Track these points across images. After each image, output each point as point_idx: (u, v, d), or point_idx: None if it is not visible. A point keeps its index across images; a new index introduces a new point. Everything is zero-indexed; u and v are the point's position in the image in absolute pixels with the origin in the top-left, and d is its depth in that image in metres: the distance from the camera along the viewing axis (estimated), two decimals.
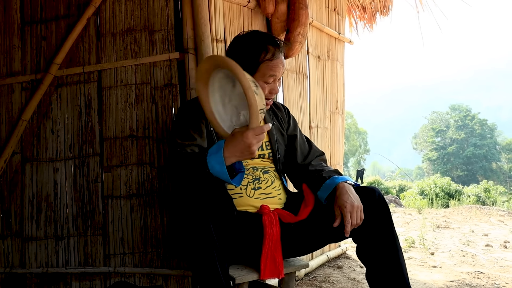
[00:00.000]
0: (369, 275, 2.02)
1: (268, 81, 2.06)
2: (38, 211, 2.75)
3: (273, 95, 2.12)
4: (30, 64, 2.80)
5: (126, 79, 2.66)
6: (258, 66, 2.04)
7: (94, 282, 2.66)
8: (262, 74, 2.04)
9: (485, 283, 3.45)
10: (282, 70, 2.09)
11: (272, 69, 2.04)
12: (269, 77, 2.05)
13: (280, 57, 2.07)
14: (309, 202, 2.10)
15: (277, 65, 2.05)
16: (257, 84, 1.76)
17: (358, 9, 4.56)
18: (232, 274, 1.95)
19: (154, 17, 2.65)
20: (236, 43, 2.14)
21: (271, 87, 2.08)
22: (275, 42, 2.08)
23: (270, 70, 2.04)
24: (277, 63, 2.05)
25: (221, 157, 1.71)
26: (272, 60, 2.04)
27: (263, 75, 2.04)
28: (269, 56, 2.04)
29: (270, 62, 2.04)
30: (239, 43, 2.12)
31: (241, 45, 2.11)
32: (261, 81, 2.05)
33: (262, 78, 2.05)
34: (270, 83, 2.07)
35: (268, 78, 2.05)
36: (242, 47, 2.10)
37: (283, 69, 2.09)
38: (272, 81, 2.07)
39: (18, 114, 2.79)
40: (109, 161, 2.67)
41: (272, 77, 2.06)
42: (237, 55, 2.08)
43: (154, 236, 2.60)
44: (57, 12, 2.78)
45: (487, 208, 8.83)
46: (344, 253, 4.25)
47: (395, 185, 20.61)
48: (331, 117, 4.02)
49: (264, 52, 2.04)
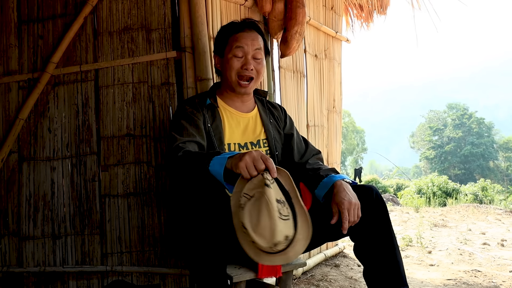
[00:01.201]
0: (366, 274, 2.02)
1: (237, 55, 2.14)
2: (35, 210, 2.75)
3: (246, 72, 2.15)
4: (27, 63, 2.80)
5: (123, 78, 2.66)
6: (227, 41, 2.17)
7: (91, 281, 2.65)
8: (230, 47, 2.16)
9: (482, 281, 3.46)
10: (251, 44, 2.15)
11: (238, 40, 2.14)
12: (236, 49, 2.13)
13: (250, 32, 2.18)
14: (306, 201, 2.11)
15: (243, 36, 2.15)
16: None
17: (355, 7, 4.56)
18: (230, 273, 1.95)
19: (151, 15, 2.65)
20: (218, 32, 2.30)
21: (242, 62, 2.14)
22: (248, 22, 2.22)
23: (236, 41, 2.14)
24: (244, 35, 2.15)
25: (224, 160, 1.71)
26: (238, 32, 2.16)
27: (230, 48, 2.15)
28: (235, 30, 2.17)
29: (236, 34, 2.16)
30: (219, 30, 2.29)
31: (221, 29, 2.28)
32: (230, 55, 2.15)
33: (230, 51, 2.15)
34: (240, 57, 2.14)
35: (235, 50, 2.13)
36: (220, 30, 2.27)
37: (253, 44, 2.15)
38: (242, 56, 2.14)
39: (15, 113, 2.78)
40: (106, 160, 2.67)
41: (239, 49, 2.13)
42: (215, 39, 2.28)
43: (151, 235, 2.60)
44: (54, 11, 2.78)
45: (485, 206, 8.84)
46: (341, 252, 4.26)
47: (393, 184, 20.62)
48: (328, 116, 4.02)
49: (232, 29, 2.18)
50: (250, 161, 1.64)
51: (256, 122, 2.28)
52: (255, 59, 2.16)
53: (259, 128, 2.28)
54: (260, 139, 2.25)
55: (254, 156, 1.65)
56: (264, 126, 2.28)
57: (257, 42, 2.16)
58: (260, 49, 2.17)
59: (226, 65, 2.16)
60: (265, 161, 1.65)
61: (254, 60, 2.15)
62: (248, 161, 1.64)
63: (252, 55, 2.14)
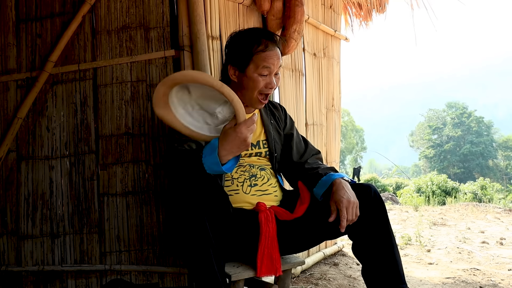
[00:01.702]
0: (365, 272, 2.02)
1: (263, 73, 2.04)
2: (34, 209, 2.75)
3: (269, 90, 2.09)
4: (25, 62, 2.79)
5: (121, 76, 2.66)
6: (251, 58, 2.04)
7: (90, 280, 2.65)
8: (255, 65, 2.04)
9: (481, 279, 3.47)
10: (277, 64, 2.07)
11: (265, 60, 2.03)
12: (263, 69, 2.04)
13: (275, 50, 2.07)
14: (305, 199, 2.11)
15: (270, 56, 2.04)
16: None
17: (354, 6, 4.55)
18: (228, 271, 1.95)
19: (150, 14, 2.64)
20: (232, 39, 2.16)
21: (267, 81, 2.06)
22: (270, 35, 2.10)
23: (263, 61, 2.03)
24: (271, 55, 2.05)
25: (215, 158, 1.72)
26: (265, 51, 2.04)
27: (256, 67, 2.04)
28: (261, 47, 2.04)
29: (263, 53, 2.04)
30: (235, 39, 2.14)
31: (237, 39, 2.13)
32: (255, 74, 2.05)
33: (256, 70, 2.04)
34: (265, 75, 2.05)
35: (261, 69, 2.04)
36: (237, 41, 2.12)
37: (278, 63, 2.08)
38: (267, 74, 2.05)
39: (13, 112, 2.77)
40: (105, 158, 2.66)
41: (266, 69, 2.04)
42: (232, 49, 2.12)
43: (150, 234, 2.59)
44: (52, 9, 2.77)
45: (484, 205, 8.85)
46: (340, 250, 4.26)
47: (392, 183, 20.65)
48: (327, 115, 4.02)
49: (256, 44, 2.05)
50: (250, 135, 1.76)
51: (257, 123, 2.27)
52: (275, 75, 2.10)
53: (259, 129, 2.27)
54: (260, 140, 2.25)
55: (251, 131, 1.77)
56: (264, 127, 2.28)
57: (280, 60, 2.10)
58: (281, 65, 2.13)
59: (248, 82, 2.07)
60: (253, 122, 1.77)
61: (274, 76, 2.10)
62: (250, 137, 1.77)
63: (274, 72, 2.10)
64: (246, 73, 2.06)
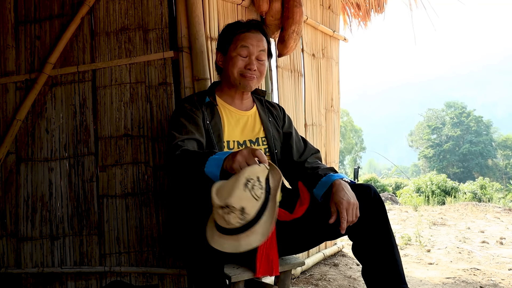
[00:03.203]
0: (365, 273, 2.02)
1: (241, 54, 2.14)
2: (33, 211, 2.74)
3: (249, 72, 2.15)
4: (24, 64, 2.79)
5: (120, 78, 2.66)
6: (232, 38, 2.16)
7: (89, 281, 2.65)
8: (234, 45, 2.15)
9: (481, 279, 3.47)
10: (257, 45, 2.16)
11: (244, 39, 2.14)
12: (241, 48, 2.13)
13: (257, 33, 2.18)
14: (304, 200, 2.10)
15: (249, 37, 2.15)
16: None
17: (353, 6, 4.55)
18: (228, 272, 1.95)
19: (148, 16, 2.64)
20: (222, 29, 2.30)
21: (246, 62, 2.15)
22: (255, 22, 2.23)
23: (241, 41, 2.14)
24: (250, 36, 2.16)
25: (220, 161, 1.71)
26: (245, 32, 2.16)
27: (235, 47, 2.15)
28: (243, 30, 2.17)
29: (242, 34, 2.16)
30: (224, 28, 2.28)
31: (226, 27, 2.27)
32: (234, 54, 2.14)
33: (235, 49, 2.14)
34: (244, 57, 2.14)
35: (240, 49, 2.13)
36: (225, 28, 2.26)
37: (258, 45, 2.16)
38: (246, 56, 2.14)
39: (13, 114, 2.78)
40: (104, 160, 2.66)
41: (244, 49, 2.13)
42: (219, 37, 2.28)
43: (149, 235, 2.59)
44: (51, 11, 2.77)
45: (483, 204, 8.85)
46: (340, 251, 4.26)
47: (391, 183, 20.62)
48: (326, 115, 4.02)
49: (239, 27, 2.18)
50: (243, 160, 1.65)
51: (255, 120, 2.28)
52: (258, 60, 2.16)
53: (258, 126, 2.28)
54: (259, 137, 2.25)
55: (245, 155, 1.65)
56: (263, 125, 2.28)
57: (262, 44, 2.17)
58: (264, 50, 2.19)
59: (229, 62, 2.16)
60: (255, 154, 1.65)
61: (257, 61, 2.16)
62: (241, 161, 1.65)
63: (256, 56, 2.15)
64: (228, 54, 2.17)
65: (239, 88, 2.21)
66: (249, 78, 2.16)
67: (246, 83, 2.17)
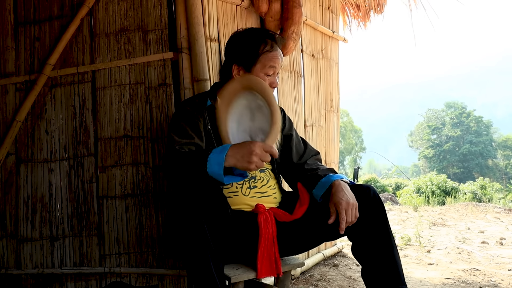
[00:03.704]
0: (364, 273, 2.02)
1: (268, 73, 2.10)
2: (33, 212, 2.75)
3: (272, 88, 2.12)
4: (24, 65, 2.79)
5: (120, 79, 2.66)
6: (257, 58, 2.09)
7: (89, 282, 2.65)
8: (262, 65, 2.09)
9: (481, 280, 3.47)
10: (280, 63, 2.14)
11: (272, 60, 2.09)
12: (269, 68, 2.09)
13: (278, 50, 2.14)
14: (304, 201, 2.11)
15: (276, 56, 2.11)
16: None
17: (352, 7, 4.56)
18: (228, 273, 1.95)
19: (148, 17, 2.65)
20: (235, 39, 2.19)
21: (271, 80, 2.11)
22: (272, 36, 2.15)
23: (270, 61, 2.09)
24: (276, 55, 2.11)
25: (222, 158, 1.70)
26: (271, 51, 2.10)
27: (263, 66, 2.09)
28: (268, 47, 2.10)
29: (270, 53, 2.10)
30: (238, 38, 2.18)
31: (240, 39, 2.17)
32: (261, 73, 2.09)
33: (263, 69, 2.09)
34: (270, 75, 2.11)
35: (268, 69, 2.09)
36: (241, 42, 2.15)
37: (281, 62, 2.15)
38: (272, 73, 2.11)
39: (12, 115, 2.78)
40: (104, 161, 2.66)
41: (271, 69, 2.10)
42: (236, 49, 2.15)
43: (149, 236, 2.60)
44: (50, 12, 2.78)
45: (483, 205, 8.85)
46: (340, 252, 4.26)
47: (391, 183, 20.62)
48: (326, 116, 4.02)
49: (263, 44, 2.10)
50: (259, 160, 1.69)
51: None
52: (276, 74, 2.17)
53: None
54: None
55: (260, 155, 1.69)
56: None
57: (282, 60, 2.18)
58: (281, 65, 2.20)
59: None
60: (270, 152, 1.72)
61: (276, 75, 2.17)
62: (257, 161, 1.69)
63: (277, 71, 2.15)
64: (252, 72, 2.10)
65: None
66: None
67: None
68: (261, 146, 1.69)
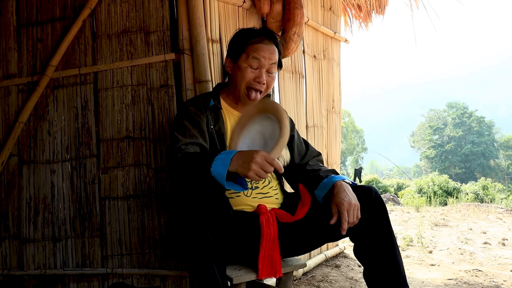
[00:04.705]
0: (366, 274, 2.02)
1: (252, 65, 2.09)
2: (36, 213, 2.75)
3: (258, 85, 2.12)
4: (26, 66, 2.80)
5: (122, 80, 2.66)
6: (244, 47, 2.11)
7: (92, 283, 2.66)
8: (246, 55, 2.11)
9: (483, 281, 3.46)
10: (269, 58, 2.11)
11: (256, 51, 2.09)
12: (253, 60, 2.09)
13: (270, 45, 2.12)
14: (305, 202, 2.11)
15: (262, 49, 2.09)
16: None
17: (354, 8, 4.56)
18: (230, 274, 1.95)
19: (150, 18, 2.65)
20: (235, 33, 2.24)
21: (256, 74, 2.10)
22: (269, 33, 2.17)
23: (254, 52, 2.09)
24: (263, 48, 2.10)
25: (227, 161, 1.69)
26: (258, 43, 2.10)
27: (247, 56, 2.10)
28: (256, 39, 2.11)
29: (256, 44, 2.10)
30: (237, 32, 2.22)
31: (238, 33, 2.21)
32: (245, 64, 2.10)
33: (246, 60, 2.10)
34: (254, 68, 2.10)
35: (251, 60, 2.09)
36: (237, 34, 2.20)
37: (271, 59, 2.12)
38: (257, 68, 2.10)
39: (15, 116, 2.78)
40: (106, 162, 2.67)
41: (256, 61, 2.09)
42: (231, 42, 2.21)
43: (151, 237, 2.60)
44: (52, 14, 2.78)
45: (485, 205, 8.85)
46: (342, 252, 4.26)
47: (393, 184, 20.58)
48: (328, 116, 4.03)
49: (253, 36, 2.13)
50: (258, 168, 1.65)
51: None
52: (268, 73, 2.13)
53: None
54: None
55: (260, 163, 1.65)
56: None
57: (274, 56, 2.13)
58: (275, 63, 2.15)
59: (238, 72, 2.13)
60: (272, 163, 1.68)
61: (267, 74, 2.12)
62: (256, 169, 1.65)
63: (266, 69, 2.11)
64: (238, 63, 2.13)
65: (242, 102, 2.20)
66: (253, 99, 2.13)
67: (247, 102, 2.16)
68: (263, 156, 1.67)
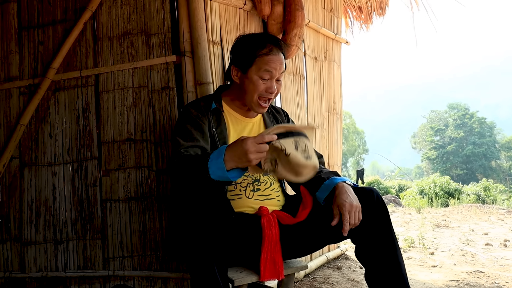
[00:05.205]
0: (368, 276, 2.02)
1: (263, 77, 2.07)
2: (37, 216, 2.76)
3: (269, 94, 2.11)
4: (27, 69, 2.81)
5: (123, 82, 2.67)
6: (254, 60, 2.07)
7: (93, 285, 2.66)
8: (257, 67, 2.07)
9: (485, 282, 3.46)
10: (279, 69, 2.09)
11: (267, 64, 2.05)
12: (264, 72, 2.06)
13: (278, 55, 2.09)
14: (307, 204, 2.11)
15: (273, 60, 2.06)
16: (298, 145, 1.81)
17: (354, 9, 4.56)
18: (231, 276, 1.95)
19: (151, 20, 2.65)
20: (239, 40, 2.20)
21: (267, 85, 2.08)
22: (275, 41, 2.13)
23: (265, 64, 2.06)
24: (273, 59, 2.07)
25: (221, 163, 1.69)
26: (268, 54, 2.06)
27: (258, 69, 2.06)
28: (265, 50, 2.07)
29: (266, 56, 2.06)
30: (242, 40, 2.18)
31: (243, 41, 2.16)
32: (256, 76, 2.07)
33: (257, 72, 2.06)
34: (265, 79, 2.07)
35: (263, 73, 2.06)
36: (243, 43, 2.15)
37: (281, 68, 2.10)
38: (268, 78, 2.08)
39: (16, 118, 2.79)
40: (107, 164, 2.67)
41: (267, 73, 2.06)
42: (237, 50, 2.16)
43: (153, 239, 2.60)
44: (54, 16, 2.79)
45: (487, 206, 8.83)
46: (343, 254, 4.26)
47: (395, 185, 20.57)
48: (329, 118, 4.02)
49: (261, 47, 2.07)
50: (257, 154, 1.66)
51: (260, 127, 2.29)
52: (277, 80, 2.12)
53: None
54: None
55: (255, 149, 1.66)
56: None
57: (283, 66, 2.12)
58: (283, 71, 2.14)
59: (249, 84, 2.09)
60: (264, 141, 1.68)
61: (276, 81, 2.12)
62: (256, 155, 1.66)
63: (276, 78, 2.11)
64: (248, 74, 2.09)
65: (251, 110, 2.19)
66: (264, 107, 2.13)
67: (259, 110, 2.15)
68: (253, 141, 1.67)
